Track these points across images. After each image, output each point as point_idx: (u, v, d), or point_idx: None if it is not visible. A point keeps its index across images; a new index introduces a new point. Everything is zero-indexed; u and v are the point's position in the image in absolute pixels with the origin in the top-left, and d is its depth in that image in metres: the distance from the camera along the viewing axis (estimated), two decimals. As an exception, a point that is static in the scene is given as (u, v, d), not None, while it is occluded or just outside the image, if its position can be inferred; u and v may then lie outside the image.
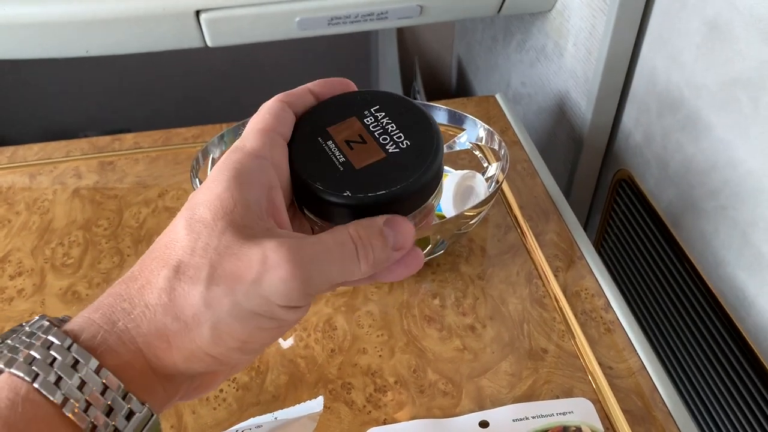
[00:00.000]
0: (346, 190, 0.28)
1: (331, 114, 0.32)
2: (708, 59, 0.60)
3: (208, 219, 0.26)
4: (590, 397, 0.49)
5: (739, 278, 0.58)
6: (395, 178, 0.29)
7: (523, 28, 0.94)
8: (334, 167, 0.29)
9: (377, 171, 0.29)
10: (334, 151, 0.30)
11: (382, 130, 0.31)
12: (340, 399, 0.50)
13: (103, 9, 0.72)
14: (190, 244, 0.26)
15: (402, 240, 0.29)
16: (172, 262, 0.26)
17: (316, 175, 0.29)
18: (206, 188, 0.27)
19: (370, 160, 0.30)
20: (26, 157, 0.75)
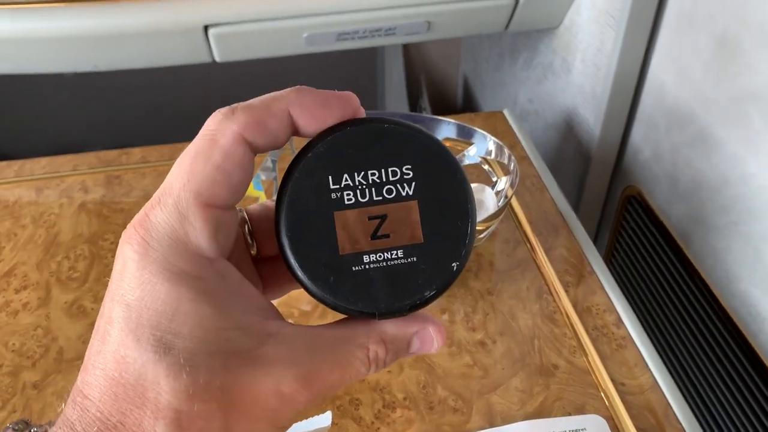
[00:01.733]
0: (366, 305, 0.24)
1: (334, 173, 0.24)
2: (717, 74, 0.60)
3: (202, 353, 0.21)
4: (603, 414, 0.48)
5: (752, 294, 0.57)
6: (429, 277, 0.23)
7: (530, 45, 0.94)
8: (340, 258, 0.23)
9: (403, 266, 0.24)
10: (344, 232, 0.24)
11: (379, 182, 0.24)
12: (347, 415, 0.49)
13: (111, 24, 0.72)
14: (183, 387, 0.21)
15: (428, 350, 0.26)
16: (163, 410, 0.21)
17: (319, 277, 0.23)
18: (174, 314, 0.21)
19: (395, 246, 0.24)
20: (33, 170, 0.75)
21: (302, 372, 0.22)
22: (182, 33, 0.74)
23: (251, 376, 0.21)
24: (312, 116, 0.23)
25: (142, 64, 0.79)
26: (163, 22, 0.73)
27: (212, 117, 0.23)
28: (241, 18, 0.74)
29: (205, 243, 0.22)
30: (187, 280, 0.22)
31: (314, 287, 0.23)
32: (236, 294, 0.23)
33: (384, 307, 0.24)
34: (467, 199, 0.24)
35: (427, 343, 0.26)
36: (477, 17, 0.80)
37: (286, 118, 0.23)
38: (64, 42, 0.73)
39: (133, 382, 0.21)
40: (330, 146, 0.24)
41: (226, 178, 0.22)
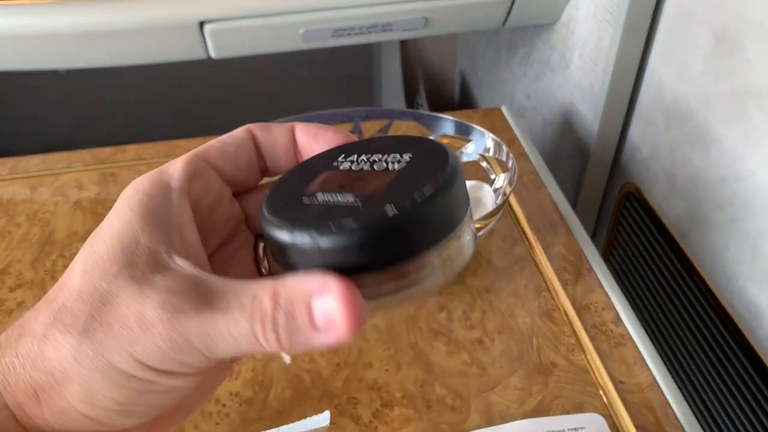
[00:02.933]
0: (291, 222, 0.22)
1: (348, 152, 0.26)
2: (716, 71, 0.59)
3: (105, 259, 0.22)
4: (601, 412, 0.48)
5: (751, 291, 0.57)
6: (359, 215, 0.21)
7: (528, 41, 0.94)
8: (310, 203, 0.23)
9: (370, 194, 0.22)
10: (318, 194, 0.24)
11: (375, 160, 0.24)
12: (345, 414, 0.49)
13: (105, 20, 0.72)
14: (78, 287, 0.22)
15: (334, 322, 0.21)
16: (54, 305, 0.22)
17: (273, 202, 0.24)
18: (110, 219, 0.24)
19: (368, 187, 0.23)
20: (27, 168, 0.74)
21: (172, 303, 0.21)
22: (178, 29, 0.73)
23: (129, 293, 0.22)
24: (309, 132, 0.27)
25: (137, 61, 0.78)
26: (158, 18, 0.72)
27: None
28: (237, 14, 0.73)
29: (175, 174, 0.25)
30: (140, 195, 0.24)
31: (264, 208, 0.24)
32: (172, 224, 0.24)
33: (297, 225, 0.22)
34: (443, 173, 0.23)
35: (328, 305, 0.21)
36: (474, 13, 0.79)
37: (289, 127, 0.28)
38: (59, 38, 0.73)
39: (57, 288, 0.23)
40: (360, 142, 0.27)
41: (222, 145, 0.27)
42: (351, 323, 0.21)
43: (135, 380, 0.22)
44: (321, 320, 0.21)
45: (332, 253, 0.21)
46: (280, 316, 0.21)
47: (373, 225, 0.21)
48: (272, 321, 0.21)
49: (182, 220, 0.24)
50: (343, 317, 0.20)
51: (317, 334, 0.21)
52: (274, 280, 0.22)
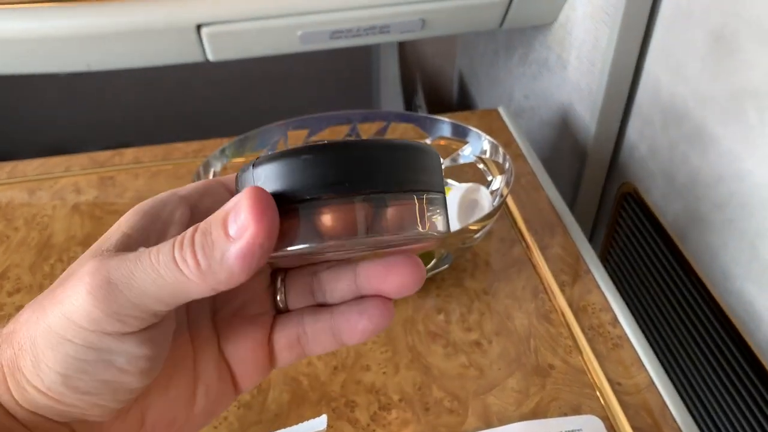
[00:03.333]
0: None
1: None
2: (713, 70, 0.59)
3: (94, 247, 0.24)
4: (599, 414, 0.48)
5: (748, 291, 0.57)
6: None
7: (526, 42, 0.93)
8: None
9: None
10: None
11: None
12: (343, 417, 0.49)
13: (104, 23, 0.72)
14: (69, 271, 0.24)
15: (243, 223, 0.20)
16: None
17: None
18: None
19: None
20: (26, 172, 0.74)
21: (103, 258, 0.22)
22: (175, 32, 0.73)
23: (79, 266, 0.23)
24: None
25: (135, 64, 0.78)
26: (155, 21, 0.72)
27: None
28: (235, 17, 0.73)
29: (191, 186, 0.26)
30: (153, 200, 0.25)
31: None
32: (161, 222, 0.25)
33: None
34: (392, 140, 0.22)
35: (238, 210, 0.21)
36: (471, 14, 0.79)
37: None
38: (57, 42, 0.73)
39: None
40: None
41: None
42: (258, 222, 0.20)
43: (71, 345, 0.22)
44: (234, 229, 0.21)
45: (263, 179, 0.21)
46: (197, 236, 0.21)
47: (300, 151, 0.21)
48: (190, 241, 0.21)
49: (171, 219, 0.25)
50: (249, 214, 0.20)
51: (232, 244, 0.21)
52: None
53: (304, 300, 0.28)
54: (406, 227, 0.22)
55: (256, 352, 0.28)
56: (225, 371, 0.28)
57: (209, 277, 0.21)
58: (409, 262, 0.25)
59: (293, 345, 0.28)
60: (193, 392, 0.27)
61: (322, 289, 0.27)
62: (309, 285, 0.28)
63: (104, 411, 0.24)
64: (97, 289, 0.21)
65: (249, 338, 0.27)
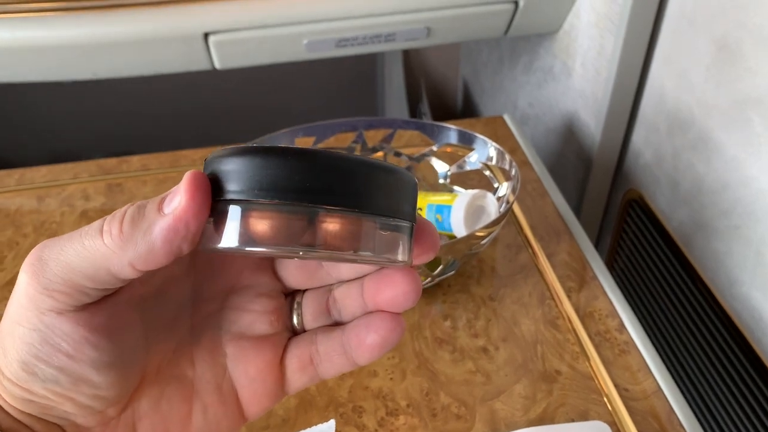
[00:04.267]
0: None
1: None
2: (718, 78, 0.60)
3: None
4: (606, 419, 0.48)
5: (754, 298, 0.57)
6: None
7: (530, 49, 0.94)
8: None
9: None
10: None
11: None
12: (351, 423, 0.49)
13: (111, 32, 0.73)
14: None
15: (174, 196, 0.21)
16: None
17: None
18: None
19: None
20: (34, 179, 0.75)
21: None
22: (182, 40, 0.74)
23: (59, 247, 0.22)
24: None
25: (142, 72, 0.79)
26: (162, 29, 0.73)
27: None
28: (241, 25, 0.74)
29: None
30: None
31: None
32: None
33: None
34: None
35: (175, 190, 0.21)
36: (476, 23, 0.80)
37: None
38: (64, 50, 0.73)
39: None
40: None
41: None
42: (190, 195, 0.20)
43: (19, 328, 0.22)
44: (168, 207, 0.21)
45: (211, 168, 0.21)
46: (131, 209, 0.21)
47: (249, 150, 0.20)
48: (122, 213, 0.21)
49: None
50: (185, 190, 0.21)
51: (161, 218, 0.21)
52: None
53: (321, 319, 0.27)
54: (345, 248, 0.21)
55: (266, 374, 0.27)
56: (229, 393, 0.27)
57: (129, 246, 0.21)
58: (403, 274, 0.24)
59: (306, 366, 0.27)
60: (189, 409, 0.26)
61: (337, 306, 0.27)
62: (325, 303, 0.27)
63: (85, 412, 0.24)
64: (29, 266, 0.22)
65: (259, 359, 0.27)
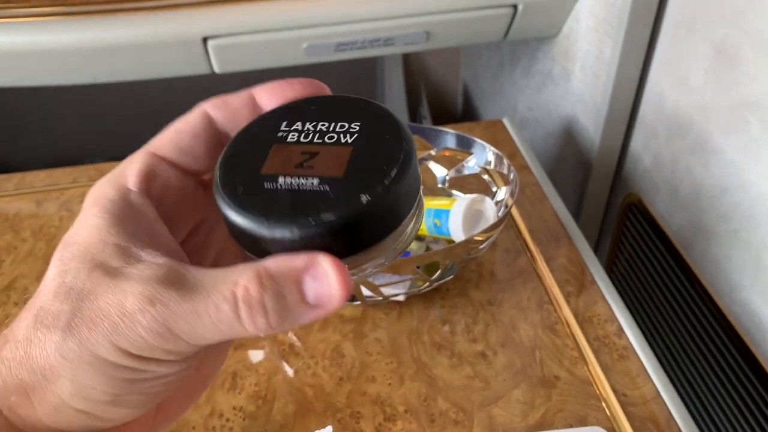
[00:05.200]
0: (266, 216, 0.22)
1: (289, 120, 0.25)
2: (716, 82, 0.59)
3: (77, 260, 0.23)
4: (605, 425, 0.48)
5: (754, 302, 0.57)
6: (333, 204, 0.21)
7: (529, 53, 0.94)
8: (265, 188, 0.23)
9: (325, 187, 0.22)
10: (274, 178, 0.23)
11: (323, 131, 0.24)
12: (348, 428, 0.49)
13: (110, 36, 0.73)
14: (53, 288, 0.23)
15: (328, 295, 0.21)
16: (34, 309, 0.23)
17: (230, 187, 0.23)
18: (77, 226, 0.24)
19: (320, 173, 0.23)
20: (33, 183, 0.75)
21: (151, 293, 0.21)
22: (181, 45, 0.74)
23: (106, 287, 0.22)
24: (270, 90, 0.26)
25: (141, 76, 0.79)
26: (162, 34, 0.73)
27: None
28: (240, 29, 0.74)
29: (133, 176, 0.25)
30: (103, 201, 0.24)
31: (221, 193, 0.23)
32: (138, 222, 0.24)
33: (275, 219, 0.22)
34: (402, 151, 0.23)
35: (321, 281, 0.21)
36: (476, 26, 0.80)
37: (249, 96, 0.26)
38: (64, 54, 0.73)
39: (40, 285, 0.24)
40: (294, 105, 0.25)
41: (177, 136, 0.26)
42: (344, 295, 0.21)
43: (122, 369, 0.22)
44: (312, 296, 0.21)
45: (309, 241, 0.22)
46: (268, 299, 0.21)
47: (350, 215, 0.21)
48: (260, 304, 0.21)
49: (147, 218, 0.24)
50: (338, 290, 0.21)
51: (309, 310, 0.21)
52: (252, 264, 0.22)
53: None
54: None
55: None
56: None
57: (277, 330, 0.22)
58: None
59: None
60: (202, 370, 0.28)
61: None
62: None
63: (141, 415, 0.25)
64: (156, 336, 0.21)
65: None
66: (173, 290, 0.22)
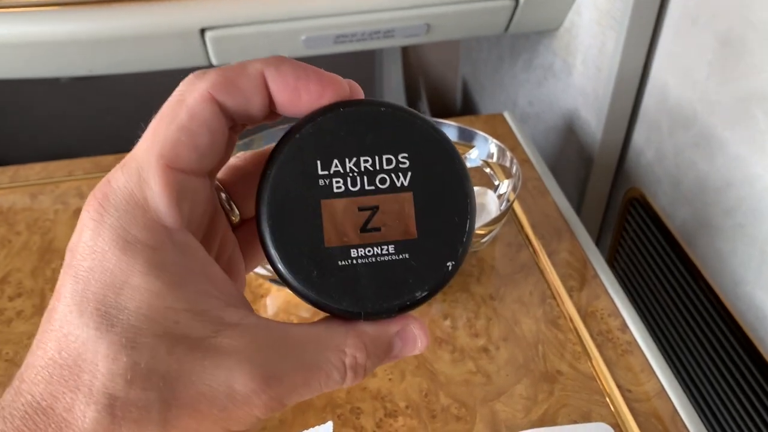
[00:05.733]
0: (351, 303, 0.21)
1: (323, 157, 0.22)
2: (721, 75, 0.59)
3: (146, 335, 0.19)
4: (609, 421, 0.48)
5: (758, 297, 0.57)
6: (421, 276, 0.21)
7: (530, 47, 0.93)
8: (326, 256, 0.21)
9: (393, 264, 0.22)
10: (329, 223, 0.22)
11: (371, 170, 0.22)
12: (349, 424, 0.48)
13: (107, 27, 0.72)
14: (122, 370, 0.18)
15: (412, 350, 0.24)
16: (96, 395, 0.18)
17: (302, 271, 0.21)
18: (117, 284, 0.19)
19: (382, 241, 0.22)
20: (28, 176, 0.74)
21: (261, 370, 0.20)
22: (179, 36, 0.73)
23: (200, 367, 0.19)
24: (287, 86, 0.21)
25: (138, 68, 0.78)
26: (159, 25, 0.72)
27: (184, 80, 0.22)
28: (238, 21, 0.73)
29: (165, 209, 0.20)
30: (141, 249, 0.19)
31: (296, 281, 0.21)
32: (196, 273, 0.20)
33: (371, 307, 0.22)
34: (467, 193, 0.22)
35: (409, 343, 0.23)
36: (476, 19, 0.79)
37: (259, 78, 0.21)
38: (59, 46, 0.72)
39: (71, 363, 0.19)
40: (319, 128, 0.22)
41: (192, 138, 0.20)
42: (426, 345, 0.24)
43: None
44: (397, 352, 0.24)
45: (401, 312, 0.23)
46: (370, 363, 0.22)
47: (440, 285, 0.22)
48: (364, 369, 0.22)
49: (201, 262, 0.21)
50: (421, 349, 0.24)
51: (391, 360, 0.24)
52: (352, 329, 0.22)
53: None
54: None
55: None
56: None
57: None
58: None
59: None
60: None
61: None
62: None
63: None
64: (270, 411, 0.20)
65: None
66: (282, 361, 0.20)
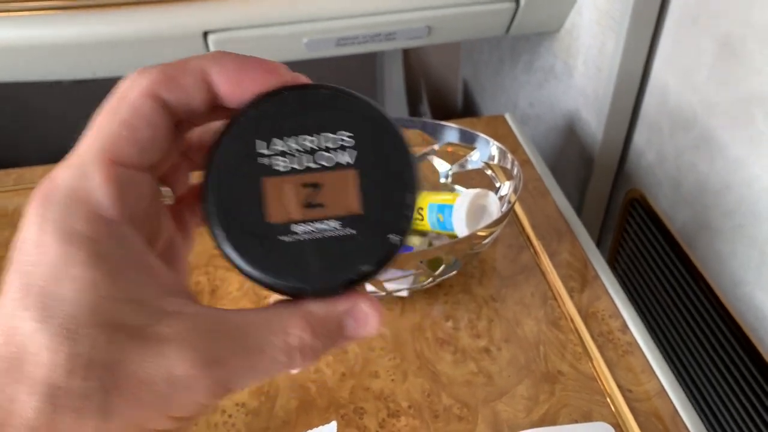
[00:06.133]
0: (297, 279, 0.21)
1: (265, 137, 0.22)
2: (721, 76, 0.59)
3: (84, 325, 0.19)
4: (610, 421, 0.48)
5: (758, 298, 0.57)
6: (367, 250, 0.21)
7: (531, 49, 0.94)
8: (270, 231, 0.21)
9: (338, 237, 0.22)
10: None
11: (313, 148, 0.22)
12: (352, 424, 0.48)
13: (110, 31, 0.72)
14: (63, 361, 0.18)
15: (364, 329, 0.23)
16: (38, 385, 0.18)
17: (245, 248, 0.21)
18: (53, 276, 0.19)
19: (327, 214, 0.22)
20: (32, 179, 0.74)
21: (201, 355, 0.20)
22: (182, 39, 0.73)
23: (140, 355, 0.19)
24: (229, 78, 0.22)
25: (141, 71, 0.78)
26: (162, 28, 0.72)
27: (127, 76, 0.22)
28: (241, 24, 0.73)
29: (106, 202, 0.20)
30: (82, 241, 0.19)
31: (241, 260, 0.21)
32: (137, 263, 0.21)
33: (317, 283, 0.21)
34: (410, 169, 0.22)
35: (361, 322, 0.22)
36: (478, 21, 0.79)
37: (201, 74, 0.22)
38: (63, 49, 0.73)
39: (15, 355, 0.19)
40: (263, 110, 0.22)
41: (133, 133, 0.21)
42: (378, 328, 0.23)
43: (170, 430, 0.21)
44: (351, 332, 0.23)
45: (348, 288, 0.22)
46: (320, 344, 0.22)
47: (386, 259, 0.22)
48: (313, 350, 0.22)
49: (139, 253, 0.21)
50: (375, 327, 0.23)
51: (344, 342, 0.23)
52: (297, 309, 0.22)
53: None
54: None
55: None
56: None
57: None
58: None
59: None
60: None
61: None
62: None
63: None
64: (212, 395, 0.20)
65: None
66: (222, 346, 0.20)
